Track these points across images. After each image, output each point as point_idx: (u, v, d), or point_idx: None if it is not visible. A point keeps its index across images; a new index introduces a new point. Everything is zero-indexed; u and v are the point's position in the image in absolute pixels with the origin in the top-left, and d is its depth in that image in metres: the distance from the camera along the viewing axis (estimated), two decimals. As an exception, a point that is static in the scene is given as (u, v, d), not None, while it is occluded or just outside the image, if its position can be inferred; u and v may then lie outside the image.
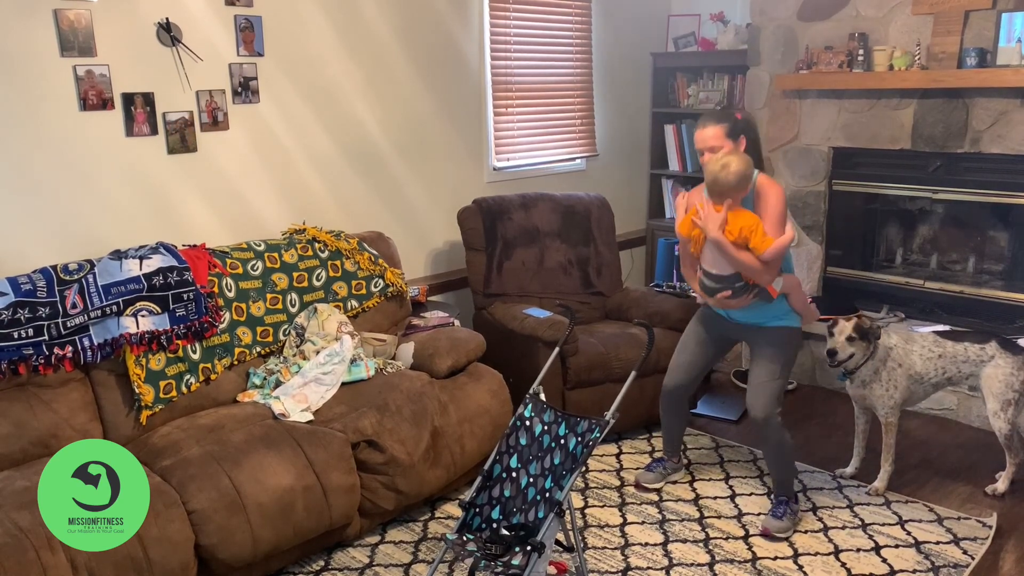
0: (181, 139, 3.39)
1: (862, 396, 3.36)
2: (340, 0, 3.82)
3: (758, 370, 3.10)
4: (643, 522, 3.20)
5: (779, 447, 3.09)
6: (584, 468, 3.28)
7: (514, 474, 2.67)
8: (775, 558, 2.95)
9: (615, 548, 3.02)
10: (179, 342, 3.05)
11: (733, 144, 3.03)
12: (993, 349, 3.26)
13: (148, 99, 3.27)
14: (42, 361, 2.78)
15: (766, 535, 3.06)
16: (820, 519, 3.19)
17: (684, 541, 3.06)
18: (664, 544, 3.04)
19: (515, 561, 2.39)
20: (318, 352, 3.28)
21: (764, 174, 3.05)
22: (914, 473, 3.54)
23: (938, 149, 4.11)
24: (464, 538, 2.53)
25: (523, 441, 2.71)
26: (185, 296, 3.07)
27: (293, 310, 3.45)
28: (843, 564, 2.91)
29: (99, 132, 3.17)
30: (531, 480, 2.63)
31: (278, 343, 3.40)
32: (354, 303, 3.61)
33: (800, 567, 2.89)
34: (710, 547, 3.02)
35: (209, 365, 3.15)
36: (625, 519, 3.22)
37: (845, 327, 3.22)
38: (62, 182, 3.11)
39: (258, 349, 3.33)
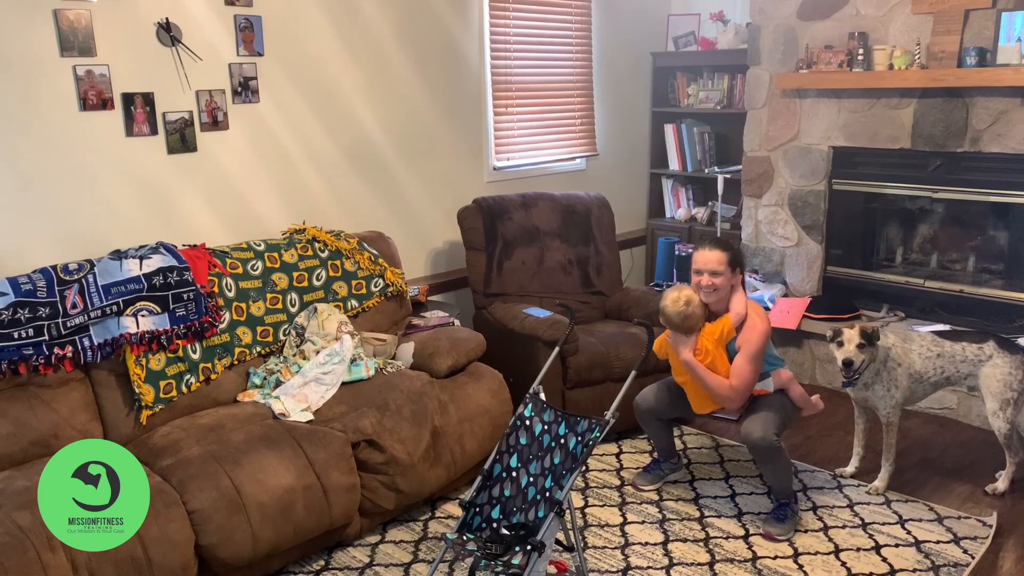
0: (181, 139, 3.39)
1: (864, 398, 3.35)
2: (340, 0, 3.82)
3: (753, 416, 3.09)
4: (643, 521, 3.20)
5: (776, 465, 3.08)
6: (584, 467, 3.29)
7: (514, 473, 2.67)
8: (775, 557, 2.95)
9: (615, 547, 3.02)
10: (179, 342, 3.05)
11: (732, 275, 3.09)
12: (991, 348, 3.25)
13: (148, 99, 3.27)
14: (42, 361, 2.78)
15: (767, 538, 3.06)
16: (820, 518, 3.19)
17: (684, 540, 3.06)
18: (664, 543, 3.04)
19: (515, 560, 2.39)
20: (318, 352, 3.28)
21: (752, 303, 3.12)
22: (914, 472, 3.54)
23: (938, 148, 4.11)
24: (464, 537, 2.54)
25: (523, 440, 2.71)
26: (185, 296, 3.07)
27: (293, 310, 3.45)
28: (843, 563, 2.91)
29: (99, 132, 3.17)
30: (531, 479, 2.63)
31: (278, 343, 3.40)
32: (354, 303, 3.61)
33: (800, 566, 2.89)
34: (710, 546, 3.02)
35: (209, 365, 3.15)
36: (625, 518, 3.22)
37: (853, 335, 3.16)
38: (62, 182, 3.11)
39: (258, 349, 3.34)
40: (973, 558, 2.92)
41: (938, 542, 3.02)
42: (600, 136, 5.22)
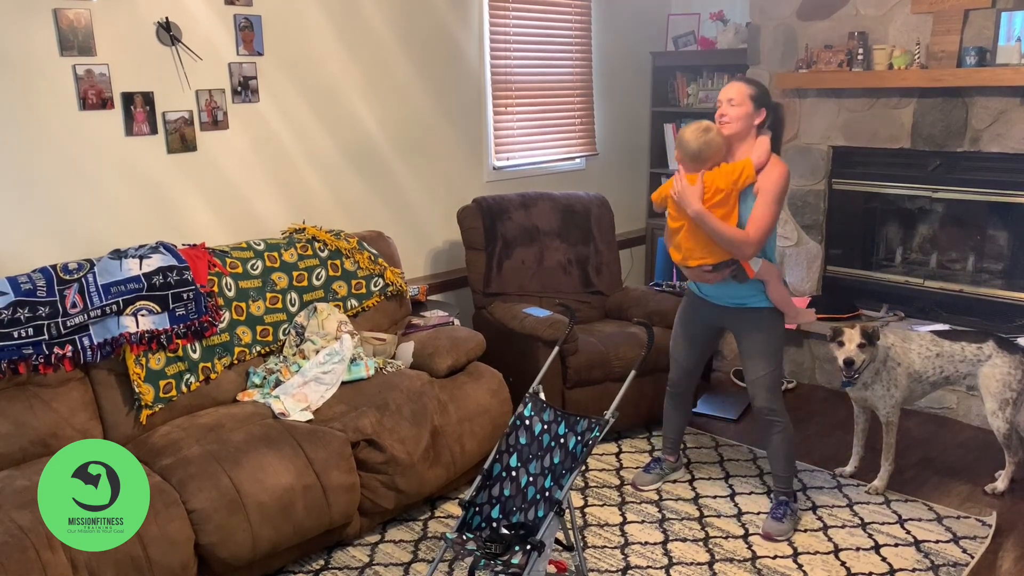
0: (181, 138, 3.39)
1: (863, 398, 3.36)
2: (340, 0, 3.83)
3: (750, 364, 3.09)
4: (643, 521, 3.20)
5: (783, 437, 3.08)
6: (584, 467, 3.29)
7: (514, 473, 2.67)
8: (775, 557, 2.95)
9: (615, 547, 3.02)
10: (179, 341, 3.05)
11: (754, 111, 2.89)
12: (990, 348, 3.25)
13: (148, 98, 3.27)
14: (42, 360, 2.78)
15: (767, 538, 3.06)
16: (820, 518, 3.19)
17: (684, 540, 3.06)
18: (664, 543, 3.04)
19: (515, 560, 2.39)
20: (318, 351, 3.28)
21: (774, 155, 2.94)
22: (914, 472, 3.54)
23: (938, 148, 4.12)
24: (464, 537, 2.54)
25: (523, 440, 2.71)
26: (185, 295, 3.07)
27: (293, 309, 3.45)
28: (843, 563, 2.91)
29: (99, 131, 3.17)
30: (531, 479, 2.63)
31: (278, 342, 3.40)
32: (354, 302, 3.61)
33: (800, 566, 2.90)
34: (710, 546, 3.02)
35: (209, 364, 3.15)
36: (625, 518, 3.22)
37: (854, 335, 3.16)
38: (62, 182, 3.11)
39: (258, 348, 3.34)
40: (972, 558, 2.92)
41: (937, 542, 3.03)
42: (600, 136, 5.22)
